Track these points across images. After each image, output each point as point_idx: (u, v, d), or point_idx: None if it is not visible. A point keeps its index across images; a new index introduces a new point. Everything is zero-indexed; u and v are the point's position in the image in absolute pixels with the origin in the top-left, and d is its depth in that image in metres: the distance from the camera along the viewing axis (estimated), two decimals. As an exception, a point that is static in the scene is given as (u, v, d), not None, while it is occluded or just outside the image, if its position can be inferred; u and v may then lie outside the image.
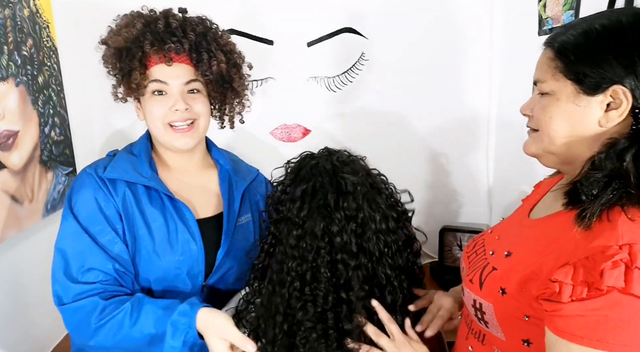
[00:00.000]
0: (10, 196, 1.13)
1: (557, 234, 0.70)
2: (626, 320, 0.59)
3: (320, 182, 0.83)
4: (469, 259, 0.87)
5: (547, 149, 0.74)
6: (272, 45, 1.60)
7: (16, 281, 1.20)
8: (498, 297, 0.73)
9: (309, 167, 0.86)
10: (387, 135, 1.71)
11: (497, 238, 0.85)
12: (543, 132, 0.73)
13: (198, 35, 0.99)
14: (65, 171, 1.42)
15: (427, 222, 1.81)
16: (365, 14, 1.61)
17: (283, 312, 0.81)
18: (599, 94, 0.67)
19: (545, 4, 1.38)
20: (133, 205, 0.97)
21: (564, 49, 0.70)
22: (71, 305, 0.91)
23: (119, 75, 0.99)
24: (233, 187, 1.09)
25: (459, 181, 1.80)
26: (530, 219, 0.82)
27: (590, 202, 0.64)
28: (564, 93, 0.70)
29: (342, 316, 0.80)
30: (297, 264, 0.81)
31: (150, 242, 0.97)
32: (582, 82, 0.68)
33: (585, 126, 0.69)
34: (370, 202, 0.84)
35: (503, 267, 0.75)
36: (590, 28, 0.68)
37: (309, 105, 1.66)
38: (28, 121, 1.22)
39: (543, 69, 0.74)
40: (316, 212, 0.81)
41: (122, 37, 0.96)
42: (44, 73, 1.32)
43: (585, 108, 0.69)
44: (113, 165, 0.99)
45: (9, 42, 1.14)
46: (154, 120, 0.99)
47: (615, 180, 0.64)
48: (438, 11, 1.63)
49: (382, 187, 0.89)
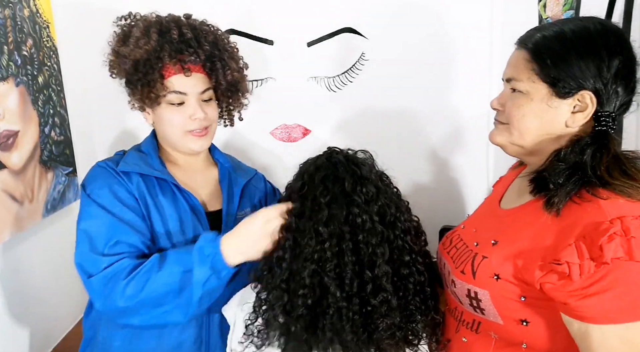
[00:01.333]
0: (10, 196, 1.13)
1: (531, 219, 0.76)
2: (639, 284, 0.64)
3: (337, 171, 0.86)
4: (450, 254, 0.91)
5: (515, 142, 0.81)
6: (272, 45, 1.60)
7: (16, 281, 1.20)
8: (493, 283, 0.77)
9: (324, 158, 0.89)
10: (387, 135, 1.71)
11: (475, 231, 0.89)
12: (514, 127, 0.80)
13: (211, 45, 1.02)
14: (65, 171, 1.42)
15: (427, 222, 1.80)
16: (365, 14, 1.61)
17: (309, 286, 0.80)
18: (569, 98, 0.74)
19: (545, 4, 1.38)
20: (146, 194, 0.99)
21: (539, 52, 0.76)
22: (100, 273, 0.89)
23: (137, 87, 0.99)
24: (232, 183, 1.12)
25: (459, 181, 1.80)
26: (503, 209, 0.88)
27: (557, 190, 0.72)
28: (538, 94, 0.76)
29: (367, 294, 0.80)
30: (322, 247, 0.81)
31: (163, 229, 0.99)
32: (556, 86, 0.74)
33: (554, 125, 0.76)
34: (384, 191, 0.87)
35: (493, 254, 0.79)
36: (562, 33, 0.75)
37: (309, 105, 1.66)
38: (28, 121, 1.22)
39: (519, 68, 0.78)
40: (339, 196, 0.83)
41: (141, 49, 0.96)
42: (44, 73, 1.32)
43: (556, 109, 0.75)
44: (125, 161, 1.02)
45: (9, 42, 1.14)
46: (172, 128, 1.02)
47: (577, 171, 0.72)
48: (438, 11, 1.63)
49: (389, 182, 0.92)
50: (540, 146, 0.79)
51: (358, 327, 0.80)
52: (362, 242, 0.82)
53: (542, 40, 0.76)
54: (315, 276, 0.81)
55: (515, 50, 0.81)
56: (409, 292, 0.84)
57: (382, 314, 0.80)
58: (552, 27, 0.77)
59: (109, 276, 0.89)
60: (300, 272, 0.82)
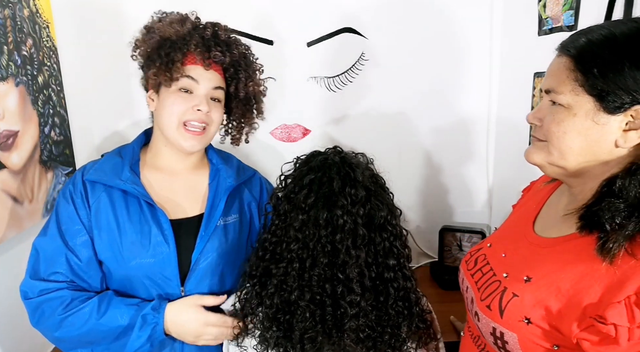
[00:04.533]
0: (10, 196, 1.13)
1: (573, 258, 0.67)
2: None
3: (329, 174, 0.85)
4: (475, 279, 0.83)
5: (554, 162, 0.70)
6: (272, 45, 1.60)
7: (16, 281, 1.19)
8: (523, 327, 0.69)
9: (319, 160, 0.88)
10: (387, 135, 1.71)
11: (504, 256, 0.80)
12: (553, 146, 0.69)
13: (240, 54, 1.06)
14: (65, 171, 1.42)
15: (427, 222, 1.81)
16: (365, 14, 1.61)
17: (278, 286, 0.84)
18: (620, 113, 0.63)
19: (545, 4, 1.38)
20: (107, 207, 1.00)
21: (584, 60, 0.65)
22: (36, 299, 0.95)
23: (155, 63, 0.99)
24: (221, 187, 1.09)
25: (459, 181, 1.80)
26: (538, 237, 0.77)
27: (614, 232, 0.61)
28: (582, 109, 0.66)
29: (337, 296, 0.81)
30: (299, 247, 0.83)
31: (119, 244, 0.99)
32: (604, 100, 0.64)
33: (601, 145, 0.66)
34: (377, 194, 0.86)
35: (525, 293, 0.70)
36: (612, 37, 0.64)
37: (309, 105, 1.66)
38: (28, 121, 1.22)
39: (560, 78, 0.68)
40: (322, 200, 0.83)
41: (173, 29, 0.99)
42: (44, 73, 1.32)
43: (604, 126, 0.65)
44: (95, 168, 1.03)
45: (9, 42, 1.14)
46: (170, 116, 1.00)
47: (639, 209, 0.61)
48: (438, 12, 1.63)
49: (384, 186, 0.92)
50: (583, 169, 0.69)
51: (330, 328, 0.81)
52: (338, 243, 0.82)
53: (587, 45, 0.65)
54: (285, 277, 0.84)
55: (556, 56, 0.71)
56: (390, 296, 0.84)
57: (351, 315, 0.80)
58: (599, 30, 0.66)
59: (45, 305, 0.94)
60: (273, 272, 0.85)
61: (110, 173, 1.01)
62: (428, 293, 0.96)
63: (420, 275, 1.61)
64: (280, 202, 0.89)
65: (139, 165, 1.06)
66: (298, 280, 0.82)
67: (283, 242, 0.85)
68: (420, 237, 1.80)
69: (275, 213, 0.90)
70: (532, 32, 1.44)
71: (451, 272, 1.63)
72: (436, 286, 1.64)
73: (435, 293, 1.58)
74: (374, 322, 0.82)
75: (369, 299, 0.82)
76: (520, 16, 1.51)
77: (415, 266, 1.77)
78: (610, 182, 0.65)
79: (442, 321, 1.01)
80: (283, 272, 0.84)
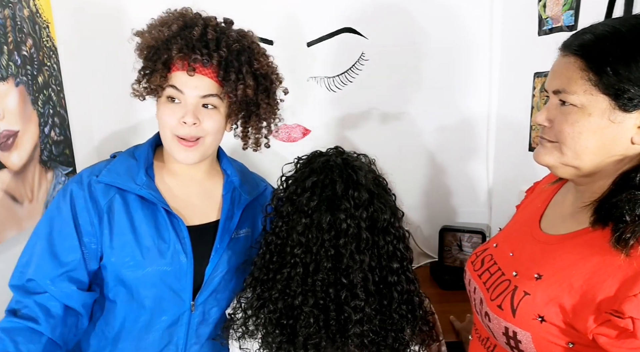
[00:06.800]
0: (10, 196, 1.13)
1: (586, 252, 0.66)
2: None
3: (331, 176, 0.84)
4: (483, 279, 0.82)
5: (568, 163, 0.69)
6: (272, 45, 1.60)
7: (16, 281, 1.19)
8: (536, 325, 0.68)
9: (321, 162, 0.87)
10: (387, 135, 1.71)
11: (512, 255, 0.80)
12: (567, 146, 0.68)
13: (232, 52, 0.94)
14: (65, 171, 1.42)
15: (427, 222, 1.81)
16: (365, 14, 1.61)
17: (282, 291, 0.83)
18: (635, 111, 0.63)
19: (545, 4, 1.38)
20: (121, 210, 0.94)
21: (595, 58, 0.64)
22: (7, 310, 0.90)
23: (142, 72, 0.96)
24: (236, 200, 1.05)
25: (459, 181, 1.80)
26: (546, 234, 0.77)
27: (632, 223, 0.61)
28: (597, 108, 0.65)
29: (342, 301, 0.80)
30: (302, 251, 0.82)
31: (137, 248, 0.94)
32: (619, 98, 0.63)
33: (617, 143, 0.65)
34: (380, 196, 0.85)
35: (537, 291, 0.70)
36: (619, 33, 0.63)
37: (309, 105, 1.66)
38: (28, 121, 1.22)
39: (571, 79, 0.67)
40: (325, 204, 0.82)
41: (151, 36, 0.93)
42: (44, 73, 1.32)
43: (620, 124, 0.64)
44: (109, 169, 0.97)
45: (9, 42, 1.14)
46: (163, 128, 0.96)
47: None
48: (438, 11, 1.64)
49: (387, 188, 0.91)
50: (597, 168, 0.68)
51: (334, 333, 0.80)
52: (342, 247, 0.81)
53: (595, 43, 0.65)
54: (289, 281, 0.83)
55: (561, 56, 0.70)
56: (394, 300, 0.83)
57: (355, 321, 0.80)
58: (603, 27, 0.66)
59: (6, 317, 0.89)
60: (277, 277, 0.84)
61: (125, 176, 0.96)
62: (428, 293, 0.96)
63: (420, 275, 1.60)
64: (282, 204, 0.88)
65: (153, 169, 1.02)
66: (302, 285, 0.81)
67: (287, 246, 0.84)
68: (420, 237, 1.80)
69: (277, 215, 0.89)
70: (532, 32, 1.44)
71: (451, 272, 1.63)
72: (436, 286, 1.64)
73: (435, 293, 1.58)
74: (378, 327, 0.82)
75: (373, 303, 0.81)
76: (520, 16, 1.51)
77: (416, 266, 1.77)
78: (625, 176, 0.65)
79: (442, 321, 1.00)
80: (287, 277, 0.83)
